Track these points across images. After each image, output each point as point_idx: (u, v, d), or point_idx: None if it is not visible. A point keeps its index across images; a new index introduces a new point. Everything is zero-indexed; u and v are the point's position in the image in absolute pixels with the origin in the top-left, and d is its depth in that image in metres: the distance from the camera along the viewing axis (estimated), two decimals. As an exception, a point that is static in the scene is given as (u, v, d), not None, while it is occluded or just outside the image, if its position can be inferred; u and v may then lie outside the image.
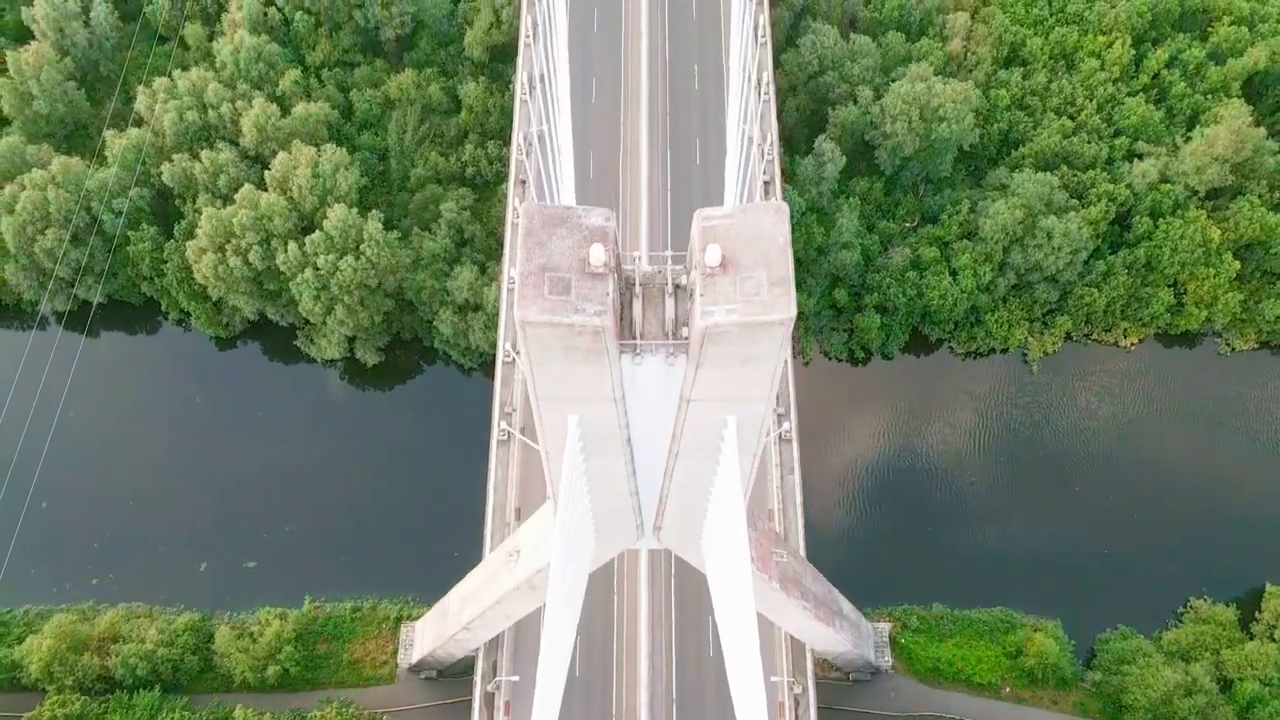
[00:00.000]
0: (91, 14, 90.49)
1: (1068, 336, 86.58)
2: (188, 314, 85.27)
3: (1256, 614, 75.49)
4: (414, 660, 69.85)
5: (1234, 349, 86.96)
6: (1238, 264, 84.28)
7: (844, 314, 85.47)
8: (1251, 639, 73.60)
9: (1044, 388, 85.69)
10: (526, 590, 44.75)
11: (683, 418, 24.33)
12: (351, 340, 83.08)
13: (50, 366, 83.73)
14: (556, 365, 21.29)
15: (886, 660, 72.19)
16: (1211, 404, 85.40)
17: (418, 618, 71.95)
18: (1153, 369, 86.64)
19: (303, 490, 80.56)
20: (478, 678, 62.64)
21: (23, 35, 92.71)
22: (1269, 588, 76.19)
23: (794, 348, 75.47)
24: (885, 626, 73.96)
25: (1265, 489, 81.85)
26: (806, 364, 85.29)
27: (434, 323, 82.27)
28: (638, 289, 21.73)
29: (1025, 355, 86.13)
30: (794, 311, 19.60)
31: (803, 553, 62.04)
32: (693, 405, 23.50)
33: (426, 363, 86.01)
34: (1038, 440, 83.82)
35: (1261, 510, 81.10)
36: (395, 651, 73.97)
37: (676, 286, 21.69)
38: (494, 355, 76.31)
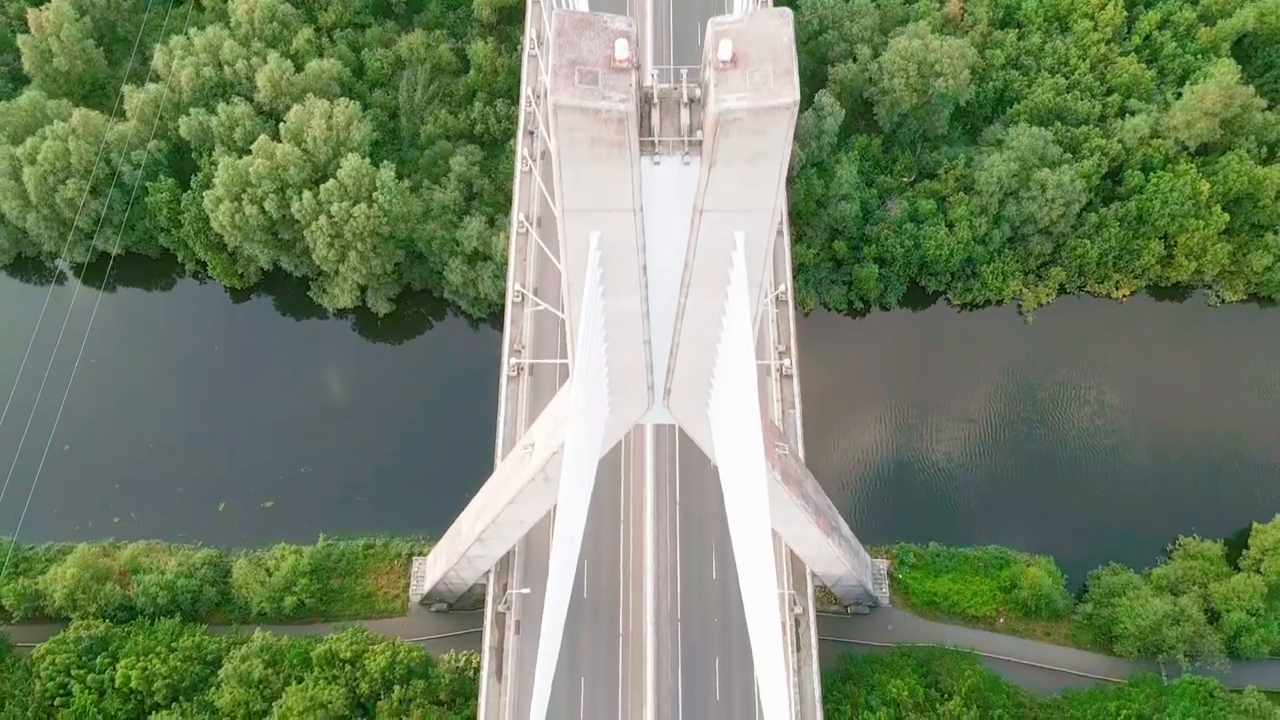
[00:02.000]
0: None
1: (1061, 288, 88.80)
2: (204, 265, 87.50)
3: (1244, 551, 77.62)
4: (425, 590, 71.98)
5: (1223, 300, 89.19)
6: (1226, 216, 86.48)
7: (843, 266, 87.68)
8: (1239, 573, 75.65)
9: (1038, 337, 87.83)
10: (541, 483, 46.89)
11: (695, 235, 26.49)
12: (363, 290, 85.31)
13: (70, 317, 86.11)
14: (583, 164, 23.48)
15: (884, 593, 74.34)
16: (1199, 352, 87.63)
17: (429, 554, 74.10)
18: (1144, 319, 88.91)
19: (318, 434, 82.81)
20: (489, 599, 64.86)
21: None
22: (1255, 526, 78.26)
23: (794, 299, 77.43)
24: (883, 563, 76.18)
25: (1251, 434, 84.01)
26: (807, 314, 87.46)
27: (444, 273, 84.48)
28: (655, 101, 24.02)
29: (1020, 306, 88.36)
30: (797, 97, 21.89)
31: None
32: (705, 217, 25.67)
33: (436, 312, 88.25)
34: (1031, 386, 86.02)
35: (1247, 454, 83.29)
36: (407, 586, 76.23)
37: (691, 100, 23.96)
38: (502, 305, 78.64)
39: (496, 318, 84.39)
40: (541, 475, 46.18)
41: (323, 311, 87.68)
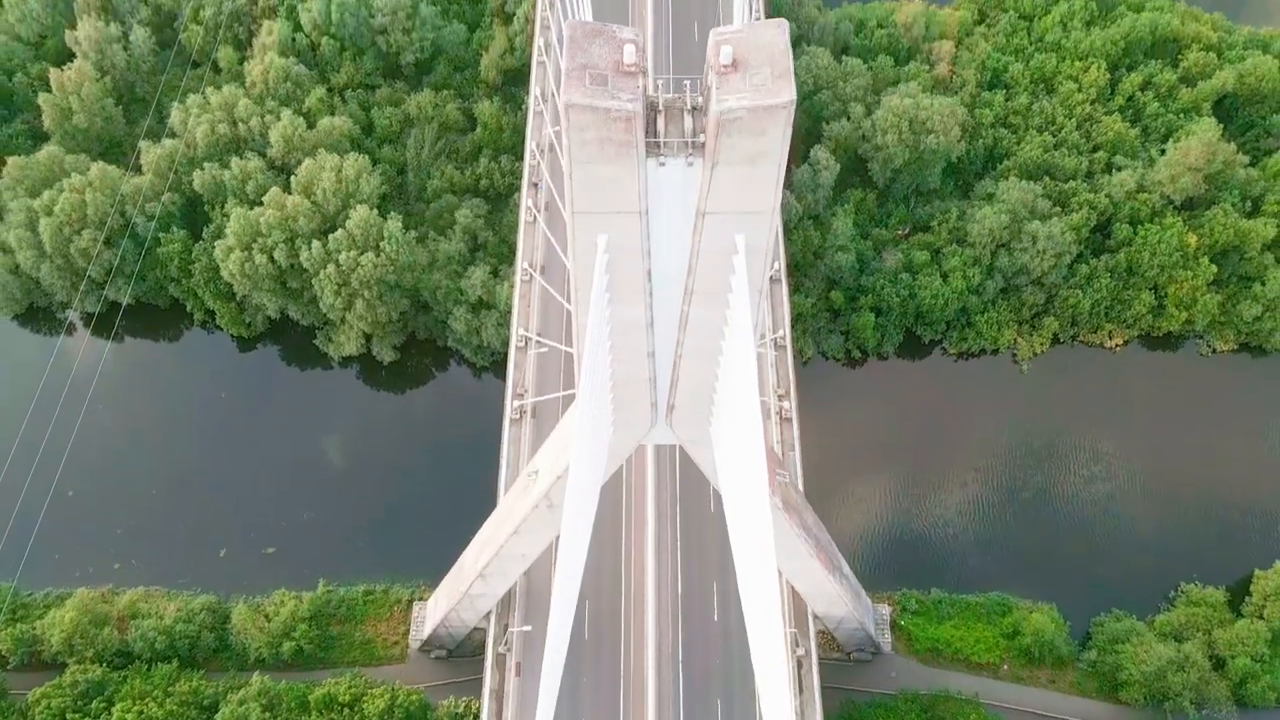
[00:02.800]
0: (131, 37, 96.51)
1: (1055, 338, 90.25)
2: (212, 314, 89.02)
3: (1246, 598, 77.50)
4: (425, 634, 71.65)
5: (1215, 350, 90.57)
6: (1214, 268, 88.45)
7: (840, 316, 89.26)
8: (1242, 619, 75.42)
9: (1034, 385, 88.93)
10: (544, 510, 47.42)
11: (698, 239, 27.79)
12: (368, 338, 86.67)
13: (78, 364, 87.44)
14: (592, 164, 24.88)
15: (886, 639, 73.97)
16: (1194, 401, 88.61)
17: (429, 599, 73.90)
18: (1138, 368, 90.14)
19: (321, 481, 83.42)
20: (489, 640, 64.63)
21: (63, 59, 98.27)
22: (1256, 572, 78.32)
23: (793, 346, 78.83)
24: (885, 609, 75.93)
25: (1247, 481, 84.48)
26: (805, 363, 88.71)
27: (448, 321, 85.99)
28: (660, 108, 25.58)
29: (1015, 355, 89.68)
30: (794, 96, 23.45)
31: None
32: (708, 219, 26.98)
33: (440, 360, 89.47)
34: (1028, 434, 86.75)
35: (1245, 501, 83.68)
36: (406, 632, 75.82)
37: (694, 107, 25.54)
38: (505, 353, 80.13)
39: (499, 366, 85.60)
40: (545, 502, 46.74)
41: (328, 360, 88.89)
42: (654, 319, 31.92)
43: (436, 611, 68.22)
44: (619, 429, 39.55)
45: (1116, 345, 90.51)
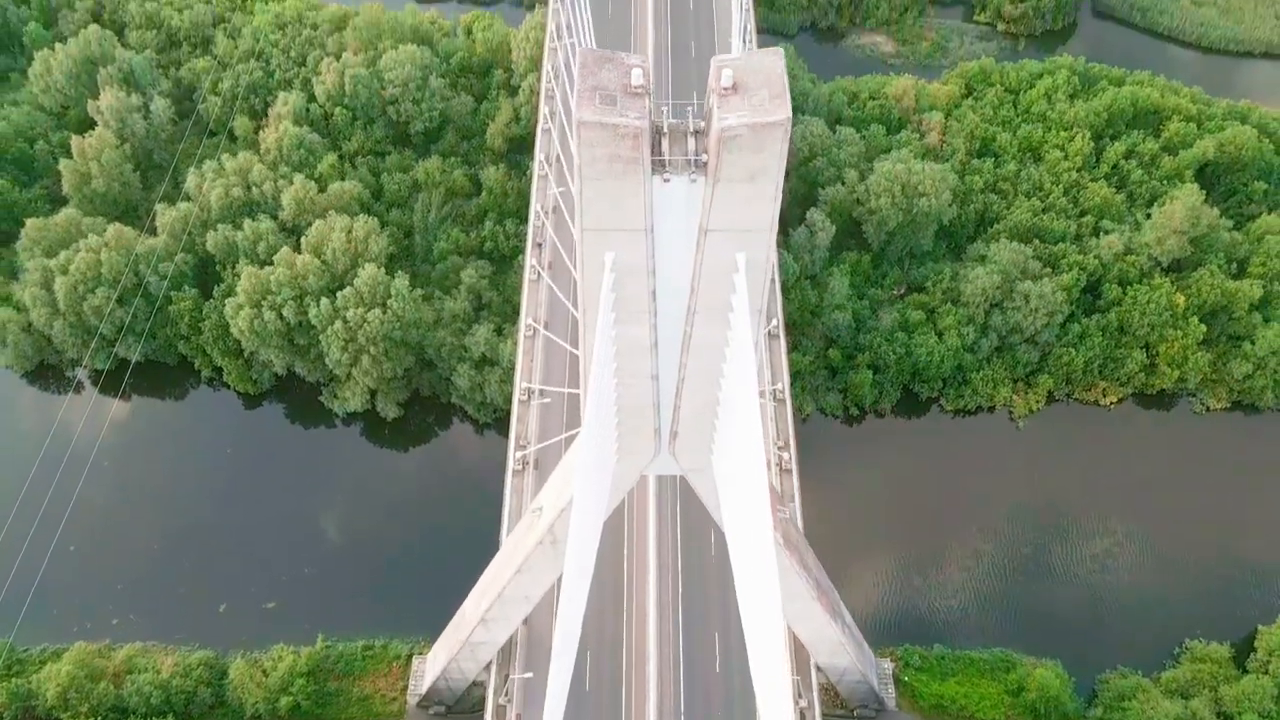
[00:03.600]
0: (151, 107, 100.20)
1: (1050, 396, 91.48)
2: (219, 371, 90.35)
3: (1250, 654, 77.04)
4: (425, 688, 71.00)
5: (1208, 408, 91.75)
6: (1203, 327, 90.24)
7: (838, 374, 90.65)
8: (1247, 675, 74.86)
9: (1031, 442, 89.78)
10: (548, 547, 47.90)
11: (701, 256, 29.26)
12: (373, 394, 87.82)
13: (85, 420, 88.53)
14: (602, 180, 26.48)
15: (890, 694, 73.28)
16: (1190, 458, 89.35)
17: (429, 653, 73.41)
18: (1133, 426, 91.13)
19: (323, 536, 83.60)
20: (489, 691, 64.11)
21: (83, 128, 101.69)
22: (1260, 629, 78.02)
23: (792, 399, 79.99)
24: (888, 664, 75.41)
25: (1247, 538, 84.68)
26: (805, 419, 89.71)
27: (452, 378, 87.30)
28: (665, 131, 27.38)
29: (1011, 413, 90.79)
30: (789, 115, 25.20)
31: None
32: (710, 236, 28.48)
33: (443, 417, 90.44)
34: (1027, 491, 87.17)
35: (1245, 557, 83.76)
36: (405, 689, 75.10)
37: (696, 131, 27.34)
38: (507, 410, 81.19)
39: (501, 423, 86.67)
40: (549, 538, 47.28)
41: (332, 416, 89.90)
42: (658, 340, 33.22)
43: (436, 664, 67.80)
44: (623, 457, 40.46)
45: (1111, 403, 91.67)
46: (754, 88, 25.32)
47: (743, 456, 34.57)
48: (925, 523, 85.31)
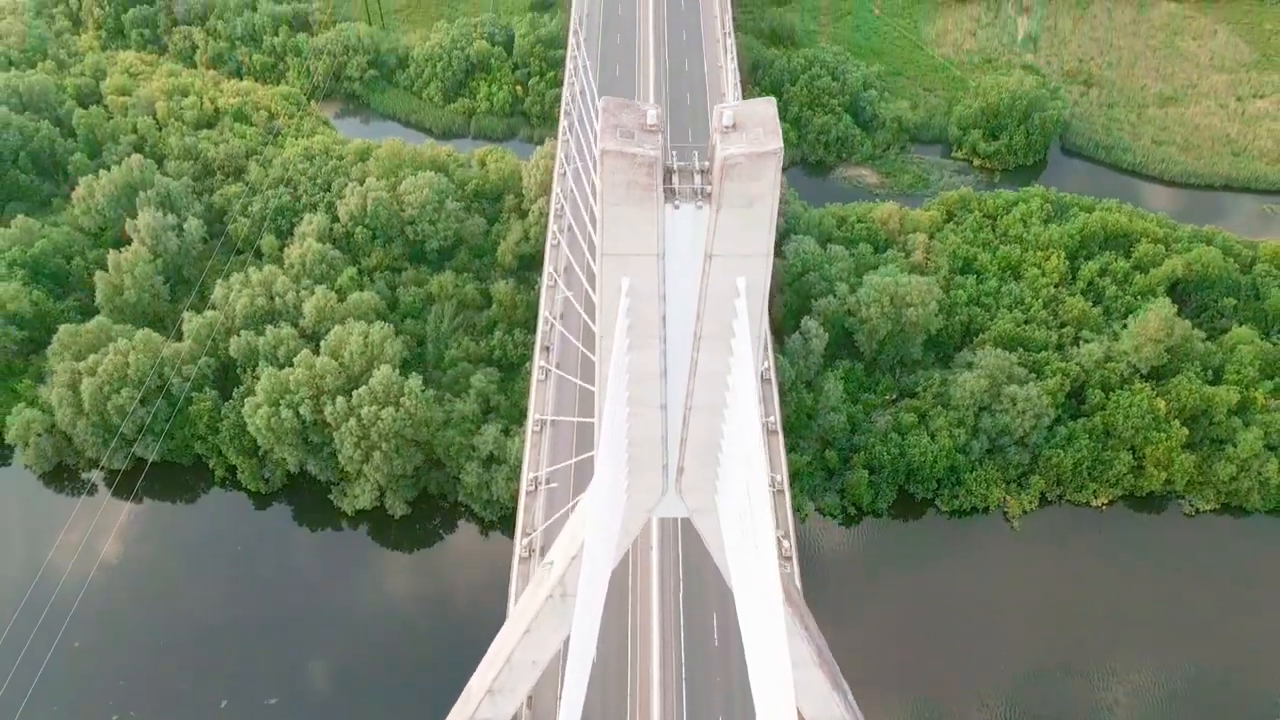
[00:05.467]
0: (185, 226, 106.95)
1: (1043, 497, 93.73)
2: (233, 470, 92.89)
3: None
4: (426, 782, 69.98)
5: (1198, 510, 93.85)
6: (1185, 430, 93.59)
7: (835, 476, 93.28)
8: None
9: (1026, 544, 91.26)
10: (558, 601, 49.40)
11: (706, 281, 33.07)
12: (382, 492, 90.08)
13: (99, 517, 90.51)
14: (620, 206, 30.59)
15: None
16: (1186, 561, 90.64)
17: (429, 749, 72.86)
18: (1126, 527, 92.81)
19: (327, 632, 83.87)
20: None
21: (118, 245, 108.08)
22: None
23: (790, 492, 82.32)
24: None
25: (1249, 642, 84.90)
26: (803, 520, 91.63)
27: (459, 476, 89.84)
28: (675, 169, 31.80)
29: (1006, 514, 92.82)
30: (780, 145, 29.51)
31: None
32: (714, 261, 32.36)
33: (451, 515, 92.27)
34: (1023, 593, 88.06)
35: (1249, 662, 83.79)
36: (405, 786, 73.95)
37: (701, 170, 31.79)
38: (513, 508, 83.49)
39: (507, 520, 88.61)
40: (559, 589, 48.88)
41: (340, 516, 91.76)
42: (666, 368, 36.67)
43: (439, 751, 67.21)
44: (632, 495, 42.97)
45: (1102, 504, 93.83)
46: (750, 126, 29.98)
47: (745, 492, 37.25)
48: (923, 622, 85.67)
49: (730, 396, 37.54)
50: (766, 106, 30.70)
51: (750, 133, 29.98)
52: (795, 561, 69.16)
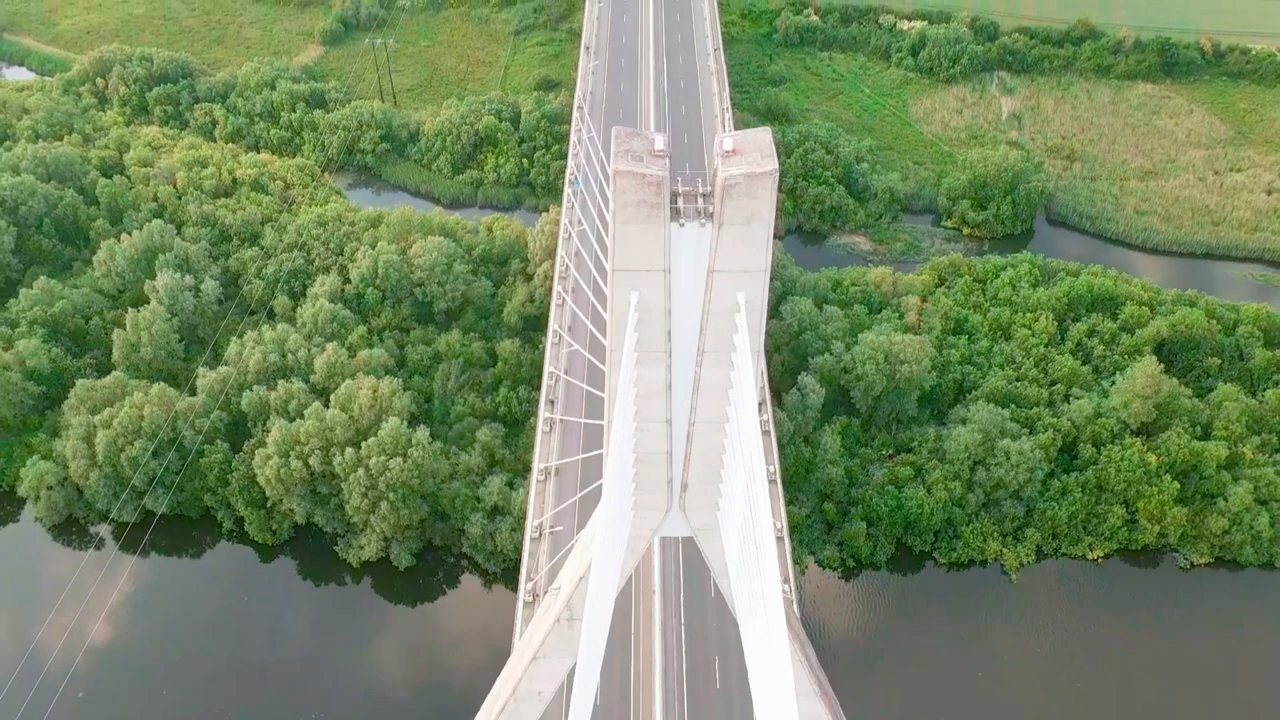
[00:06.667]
0: (202, 287, 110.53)
1: (1040, 550, 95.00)
2: (240, 523, 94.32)
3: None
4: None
5: (1193, 564, 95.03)
6: (1176, 484, 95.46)
7: (834, 529, 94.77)
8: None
9: (1025, 597, 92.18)
10: (564, 626, 50.79)
11: (709, 296, 35.80)
12: (388, 543, 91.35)
13: (106, 569, 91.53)
14: (630, 224, 33.52)
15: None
16: (1183, 614, 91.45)
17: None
18: (1123, 581, 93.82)
19: (331, 683, 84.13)
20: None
21: (136, 305, 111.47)
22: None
23: (790, 539, 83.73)
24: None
25: (1255, 700, 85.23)
26: (803, 572, 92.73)
27: (464, 528, 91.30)
28: (680, 193, 34.90)
29: (1003, 566, 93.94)
30: (776, 167, 32.66)
31: None
32: (716, 277, 35.16)
33: (455, 566, 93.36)
34: (1021, 645, 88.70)
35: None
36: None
37: (703, 194, 34.89)
38: (517, 559, 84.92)
39: (510, 573, 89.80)
40: (566, 614, 50.30)
41: (346, 568, 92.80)
42: (671, 382, 39.18)
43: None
44: (638, 513, 44.96)
45: (1098, 558, 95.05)
46: (748, 151, 33.24)
47: (746, 504, 39.36)
48: (923, 678, 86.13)
49: (731, 411, 40.05)
50: (763, 135, 34.09)
51: (748, 156, 33.28)
52: (795, 608, 70.29)
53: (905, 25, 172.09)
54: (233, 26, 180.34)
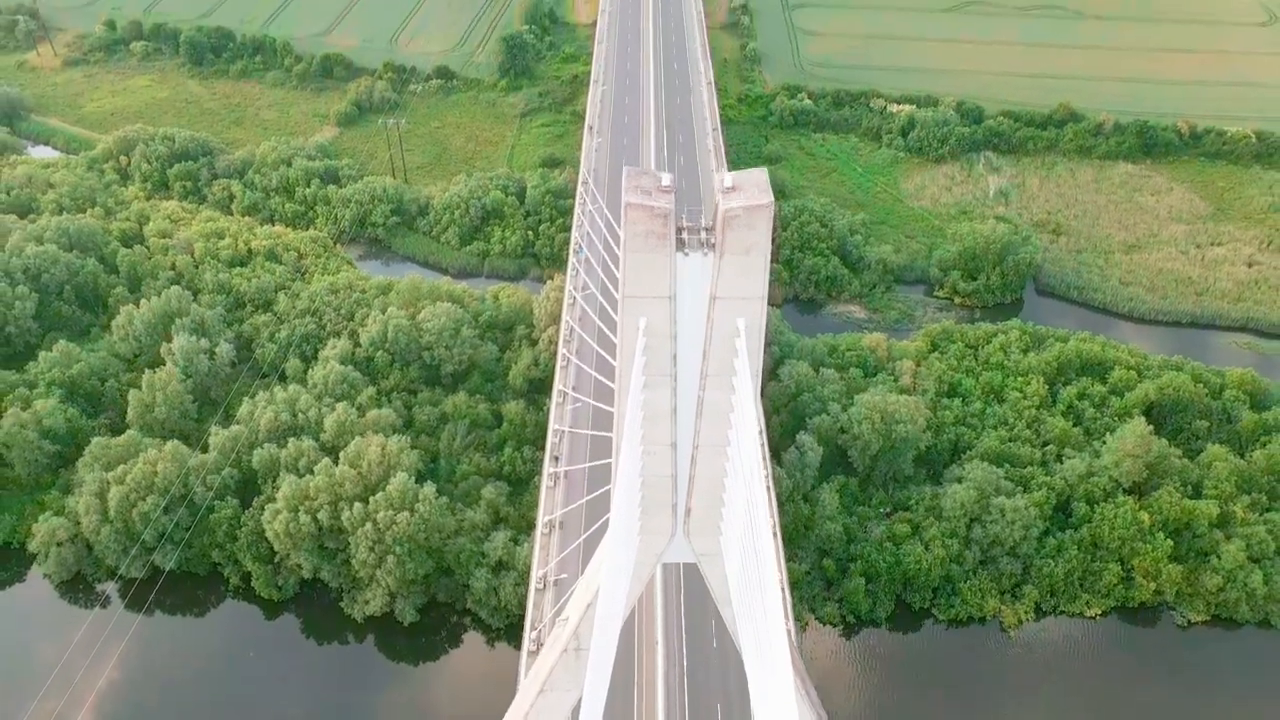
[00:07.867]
0: (216, 350, 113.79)
1: (1038, 607, 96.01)
2: (247, 578, 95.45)
3: None
4: None
5: (1189, 621, 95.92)
6: (1170, 543, 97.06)
7: (834, 585, 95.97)
8: None
9: (1024, 655, 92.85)
10: (571, 655, 52.29)
11: (711, 322, 38.74)
12: (393, 598, 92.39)
13: (112, 625, 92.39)
14: (639, 253, 36.67)
15: None
16: (1184, 673, 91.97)
17: None
18: (1120, 638, 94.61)
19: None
20: None
21: (151, 368, 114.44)
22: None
23: (789, 610, 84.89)
24: None
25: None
26: (803, 629, 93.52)
27: (469, 583, 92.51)
28: (684, 227, 38.25)
29: (1002, 623, 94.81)
30: (772, 200, 36.04)
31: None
32: (718, 303, 38.15)
33: (459, 622, 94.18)
34: (1022, 704, 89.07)
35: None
36: None
37: (706, 228, 38.27)
38: (521, 615, 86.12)
39: (513, 629, 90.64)
40: (574, 643, 51.87)
41: (350, 624, 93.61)
42: (676, 405, 41.85)
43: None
44: (644, 538, 47.06)
45: (1096, 615, 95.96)
46: (747, 187, 36.74)
47: (749, 533, 41.67)
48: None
49: (733, 435, 42.72)
50: (759, 174, 37.71)
51: (747, 192, 36.82)
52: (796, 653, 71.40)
53: (895, 108, 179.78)
54: (251, 109, 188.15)
